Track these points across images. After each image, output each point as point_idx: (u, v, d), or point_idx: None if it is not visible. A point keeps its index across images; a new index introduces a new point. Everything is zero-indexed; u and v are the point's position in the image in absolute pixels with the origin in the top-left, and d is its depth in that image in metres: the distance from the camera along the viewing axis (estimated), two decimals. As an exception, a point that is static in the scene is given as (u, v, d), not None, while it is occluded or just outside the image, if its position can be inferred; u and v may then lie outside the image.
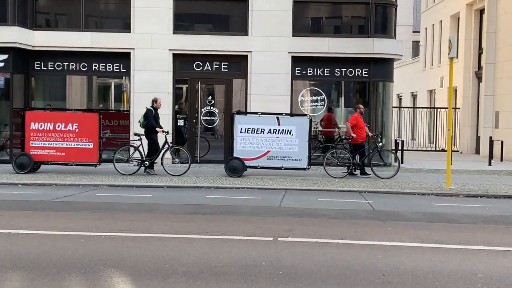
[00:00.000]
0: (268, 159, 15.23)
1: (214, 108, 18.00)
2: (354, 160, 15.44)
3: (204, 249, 7.45)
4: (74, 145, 15.13)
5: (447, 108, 14.75)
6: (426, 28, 31.20)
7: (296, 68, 17.97)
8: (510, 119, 21.22)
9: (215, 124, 18.09)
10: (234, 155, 15.23)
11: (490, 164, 18.75)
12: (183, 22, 18.37)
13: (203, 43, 17.70)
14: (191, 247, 7.53)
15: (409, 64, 35.14)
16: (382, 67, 18.19)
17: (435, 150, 23.51)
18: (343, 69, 17.97)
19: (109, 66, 18.04)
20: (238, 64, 18.04)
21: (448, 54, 13.69)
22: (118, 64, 18.04)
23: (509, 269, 6.84)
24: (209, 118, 17.96)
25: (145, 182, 13.89)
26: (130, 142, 15.22)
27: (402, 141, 20.63)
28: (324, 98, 18.14)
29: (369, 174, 15.36)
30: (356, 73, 17.99)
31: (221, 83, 18.24)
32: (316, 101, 18.18)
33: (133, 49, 17.79)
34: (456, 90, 25.25)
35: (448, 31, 26.35)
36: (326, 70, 17.98)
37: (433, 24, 29.82)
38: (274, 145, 15.18)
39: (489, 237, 8.63)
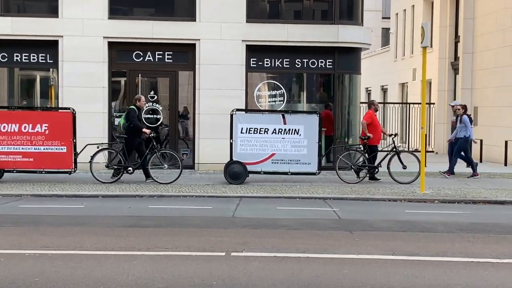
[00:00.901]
0: (272, 162, 15.20)
1: (158, 105, 17.89)
2: (369, 163, 15.61)
3: (146, 267, 7.40)
4: (44, 149, 14.88)
5: (420, 103, 15.01)
6: (397, 14, 31.73)
7: (252, 59, 18.01)
8: (490, 115, 21.73)
9: (158, 123, 17.97)
10: (234, 158, 15.13)
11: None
12: (121, 6, 18.19)
13: (144, 29, 17.57)
14: (130, 265, 7.46)
15: (378, 54, 35.68)
16: (348, 57, 18.40)
17: (408, 151, 23.89)
18: (305, 60, 18.11)
19: (34, 56, 17.73)
20: (185, 54, 17.97)
21: (421, 43, 13.94)
22: (44, 54, 17.75)
23: (489, 283, 7.00)
24: (152, 116, 17.82)
25: (77, 191, 13.70)
26: (111, 145, 15.04)
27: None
28: (283, 92, 18.24)
29: (379, 179, 15.61)
30: (319, 64, 18.15)
31: (165, 75, 18.15)
32: (275, 96, 18.27)
33: (62, 36, 17.52)
34: (430, 83, 25.75)
35: (421, 17, 26.83)
36: (286, 61, 18.08)
37: (405, 10, 30.35)
38: (279, 146, 15.15)
39: (467, 247, 8.83)
